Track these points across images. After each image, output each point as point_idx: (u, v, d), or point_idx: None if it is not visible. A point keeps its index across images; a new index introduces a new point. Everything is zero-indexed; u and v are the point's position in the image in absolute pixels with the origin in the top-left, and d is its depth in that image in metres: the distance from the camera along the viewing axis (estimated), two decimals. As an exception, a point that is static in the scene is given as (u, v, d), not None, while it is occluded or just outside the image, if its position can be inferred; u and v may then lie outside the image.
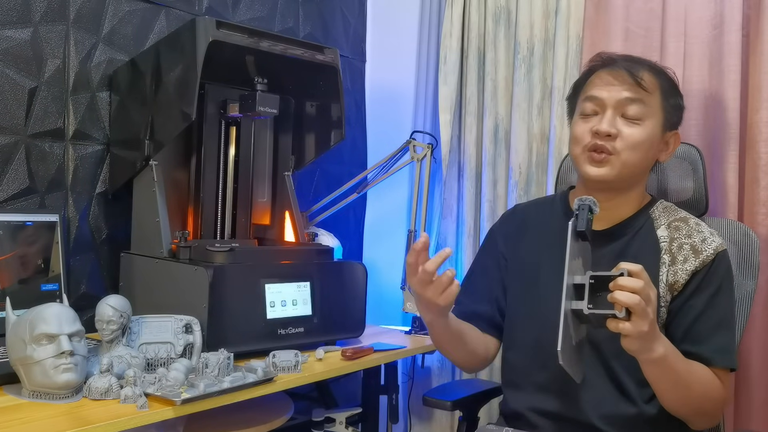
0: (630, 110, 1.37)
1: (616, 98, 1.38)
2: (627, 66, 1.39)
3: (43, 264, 1.60)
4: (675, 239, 1.39)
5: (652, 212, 1.44)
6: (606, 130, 1.36)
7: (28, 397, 1.26)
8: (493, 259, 1.59)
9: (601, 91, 1.40)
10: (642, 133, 1.37)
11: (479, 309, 1.56)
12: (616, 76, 1.39)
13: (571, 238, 1.21)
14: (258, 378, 1.42)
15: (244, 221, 1.96)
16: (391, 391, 2.02)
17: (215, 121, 1.89)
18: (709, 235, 1.39)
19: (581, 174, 1.43)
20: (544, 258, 1.48)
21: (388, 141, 2.30)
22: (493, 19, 2.29)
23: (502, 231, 1.60)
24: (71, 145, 1.77)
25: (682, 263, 1.36)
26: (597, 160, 1.38)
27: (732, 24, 1.89)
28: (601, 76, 1.41)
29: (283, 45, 1.77)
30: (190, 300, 1.56)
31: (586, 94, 1.42)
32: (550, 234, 1.49)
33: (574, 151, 1.43)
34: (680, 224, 1.41)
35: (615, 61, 1.42)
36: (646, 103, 1.38)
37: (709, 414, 1.35)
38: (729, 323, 1.37)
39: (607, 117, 1.37)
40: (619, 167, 1.37)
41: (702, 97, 1.95)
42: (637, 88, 1.37)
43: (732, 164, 1.88)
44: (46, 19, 1.70)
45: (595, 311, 1.15)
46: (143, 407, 1.23)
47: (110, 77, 1.84)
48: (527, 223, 1.57)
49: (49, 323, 1.25)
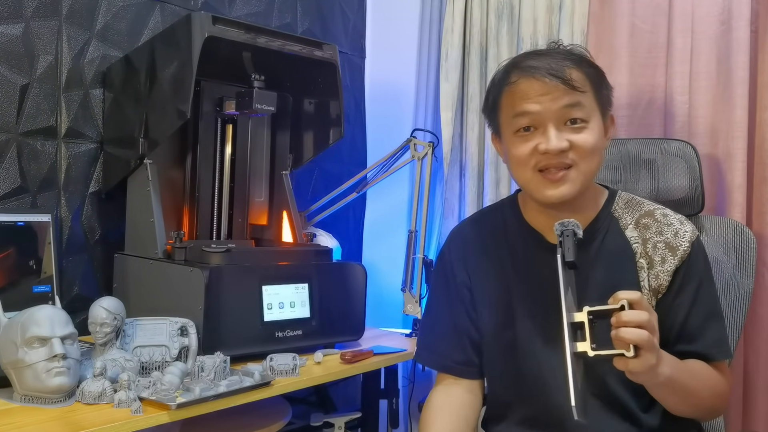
0: (572, 115, 1.24)
1: (553, 108, 1.23)
2: (550, 70, 1.24)
3: (35, 265, 1.59)
4: (648, 240, 1.32)
5: (615, 211, 1.36)
6: (556, 146, 1.23)
7: (19, 401, 1.26)
8: (454, 294, 1.42)
9: (532, 104, 1.24)
10: (592, 136, 1.25)
11: (459, 357, 1.41)
12: (543, 85, 1.24)
13: (562, 271, 1.11)
14: (255, 382, 1.42)
15: (240, 221, 1.96)
16: (392, 396, 2.02)
17: (211, 118, 1.89)
18: (679, 225, 1.32)
19: (537, 198, 1.30)
20: (514, 283, 1.37)
21: (388, 139, 2.30)
22: (495, 14, 2.29)
23: (458, 257, 1.43)
24: (64, 143, 1.77)
25: (660, 264, 1.30)
26: (555, 180, 1.25)
27: (740, 19, 1.89)
28: (523, 88, 1.25)
29: (281, 41, 1.77)
30: (186, 302, 1.56)
31: (516, 110, 1.26)
32: (514, 254, 1.38)
33: (523, 175, 1.28)
34: (648, 221, 1.34)
35: (534, 68, 1.25)
36: (584, 103, 1.25)
37: (717, 409, 1.35)
38: (718, 313, 1.34)
39: (551, 132, 1.23)
40: (580, 181, 1.26)
41: (709, 94, 1.95)
42: (571, 92, 1.23)
43: (740, 163, 1.88)
44: (38, 15, 1.70)
45: (601, 353, 1.07)
46: (137, 412, 1.23)
47: (104, 74, 1.84)
48: (482, 242, 1.42)
49: (41, 326, 1.25)
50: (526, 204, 1.40)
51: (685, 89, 1.97)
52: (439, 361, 1.44)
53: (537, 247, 1.36)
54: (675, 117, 1.99)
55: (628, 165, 1.73)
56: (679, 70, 1.97)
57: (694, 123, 1.96)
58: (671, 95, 1.99)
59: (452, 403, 1.40)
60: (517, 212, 1.41)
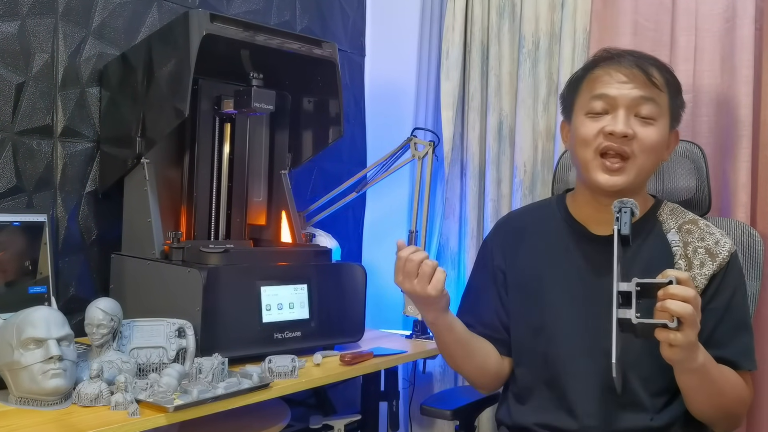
0: (643, 110, 1.33)
1: (630, 97, 1.33)
2: (637, 62, 1.35)
3: (31, 266, 1.59)
4: (689, 243, 1.39)
5: (659, 215, 1.44)
6: (623, 130, 1.31)
7: (15, 403, 1.26)
8: (489, 274, 1.54)
9: (611, 88, 1.34)
10: (656, 134, 1.34)
11: (486, 330, 1.52)
12: (627, 74, 1.34)
13: (617, 242, 1.18)
14: (253, 384, 1.42)
15: (239, 221, 1.96)
16: (392, 398, 2.02)
17: (209, 117, 1.89)
18: (720, 237, 1.40)
19: (591, 181, 1.37)
20: (546, 269, 1.45)
21: (388, 138, 2.30)
22: (497, 11, 2.29)
23: (497, 242, 1.55)
24: (60, 142, 1.77)
25: (699, 268, 1.36)
26: (612, 169, 1.33)
27: (745, 17, 1.89)
28: (609, 73, 1.36)
29: (280, 39, 1.77)
30: (183, 303, 1.56)
31: (594, 92, 1.36)
32: (551, 243, 1.46)
33: (584, 154, 1.37)
34: (691, 227, 1.41)
35: (623, 56, 1.36)
36: (658, 102, 1.34)
37: (738, 416, 1.38)
38: (748, 324, 1.40)
39: (620, 117, 1.32)
40: (634, 174, 1.34)
41: (713, 93, 1.95)
42: (650, 87, 1.33)
43: (744, 163, 1.88)
44: (34, 12, 1.70)
45: (644, 321, 1.13)
46: (134, 414, 1.23)
47: (100, 72, 1.84)
48: (524, 232, 1.52)
49: (37, 327, 1.25)
50: (575, 199, 1.49)
51: (689, 87, 1.97)
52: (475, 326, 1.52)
53: (578, 238, 1.44)
54: (679, 116, 1.99)
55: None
56: (683, 69, 1.97)
57: (698, 122, 1.96)
58: (675, 94, 1.99)
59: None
60: (563, 206, 1.50)
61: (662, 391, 1.35)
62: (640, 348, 1.29)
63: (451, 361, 1.54)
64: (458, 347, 1.48)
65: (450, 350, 1.49)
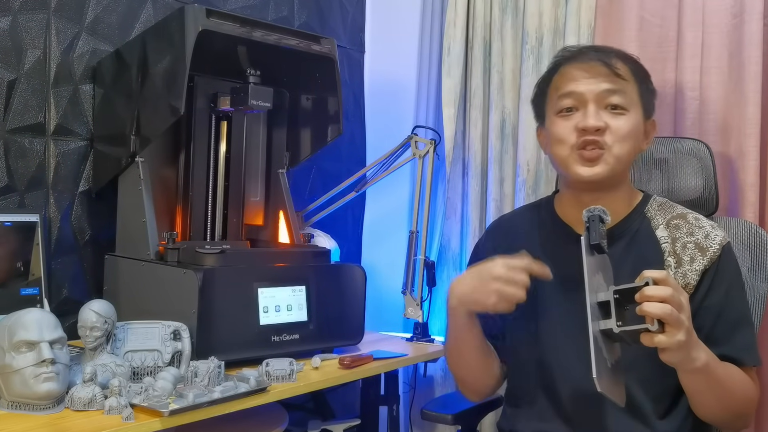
0: (612, 101, 1.36)
1: (596, 91, 1.36)
2: (598, 56, 1.38)
3: (23, 267, 1.60)
4: (677, 239, 1.39)
5: (647, 211, 1.44)
6: (594, 124, 1.34)
7: (6, 408, 1.26)
8: None
9: (577, 85, 1.38)
10: (628, 123, 1.36)
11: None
12: (589, 69, 1.38)
13: (586, 254, 1.19)
14: (250, 388, 1.42)
15: (235, 221, 1.96)
16: (392, 402, 2.02)
17: (205, 115, 1.89)
18: (711, 229, 1.40)
19: (571, 175, 1.40)
20: None
21: (388, 136, 2.30)
22: (499, 7, 2.29)
23: (489, 246, 1.55)
24: (52, 140, 1.77)
25: (689, 264, 1.36)
26: (589, 159, 1.36)
27: (753, 12, 1.89)
28: (571, 71, 1.40)
29: (277, 35, 1.77)
30: (179, 305, 1.56)
31: (561, 92, 1.40)
32: (541, 246, 1.46)
33: (560, 152, 1.40)
34: (679, 222, 1.41)
35: (585, 53, 1.41)
36: (626, 91, 1.37)
37: (748, 416, 1.37)
38: (748, 318, 1.40)
39: (590, 111, 1.36)
40: (612, 163, 1.36)
41: (721, 89, 1.95)
42: (614, 78, 1.36)
43: (752, 161, 1.88)
44: (25, 7, 1.70)
45: (626, 328, 1.13)
46: (129, 419, 1.23)
47: (94, 69, 1.84)
48: (515, 235, 1.54)
49: (29, 330, 1.25)
50: (561, 201, 1.50)
51: (696, 85, 1.97)
52: None
53: (567, 240, 1.44)
54: (685, 113, 1.99)
55: (640, 164, 1.74)
56: (689, 65, 1.98)
57: (705, 120, 1.96)
58: (682, 91, 2.00)
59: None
60: (551, 209, 1.52)
61: (663, 394, 1.34)
62: (636, 349, 1.28)
63: (460, 361, 1.52)
64: (477, 351, 1.47)
65: (466, 353, 1.48)
